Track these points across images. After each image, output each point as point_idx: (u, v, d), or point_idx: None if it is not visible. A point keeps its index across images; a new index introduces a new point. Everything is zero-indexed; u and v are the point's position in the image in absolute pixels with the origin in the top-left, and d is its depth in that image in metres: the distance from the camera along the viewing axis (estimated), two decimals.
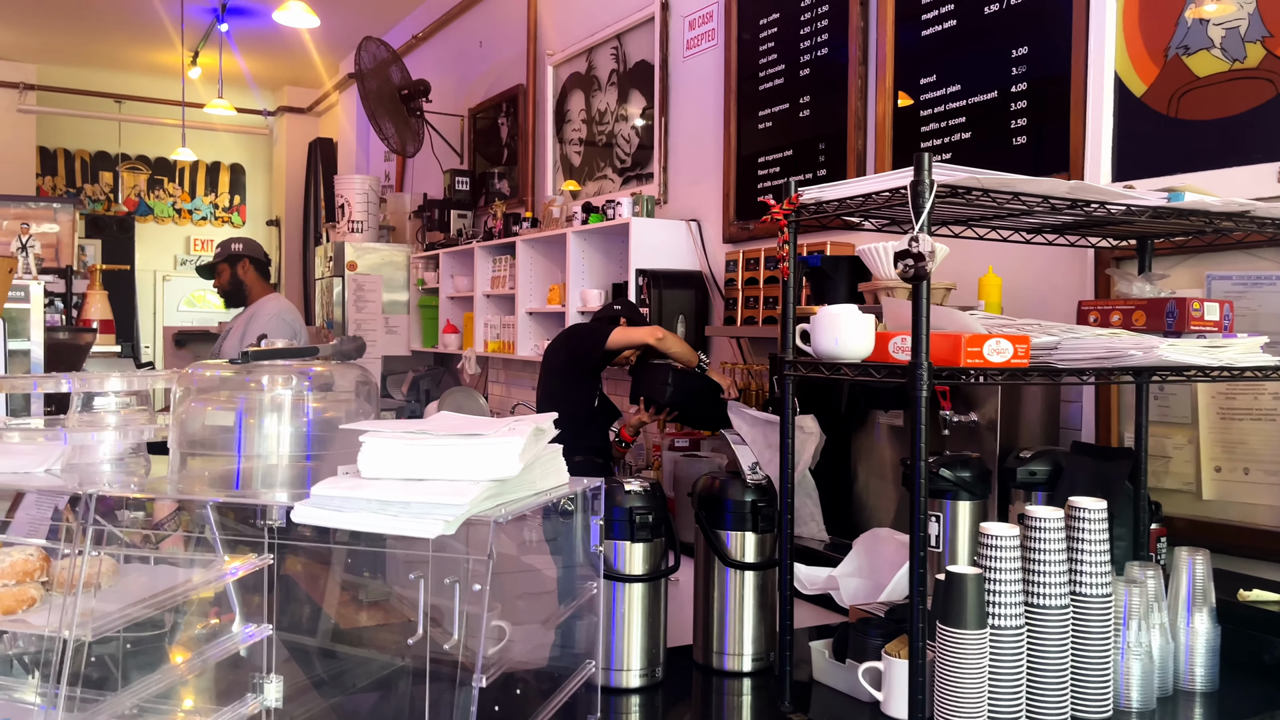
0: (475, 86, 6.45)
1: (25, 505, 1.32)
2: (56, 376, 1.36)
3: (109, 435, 1.35)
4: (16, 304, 2.53)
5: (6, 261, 1.56)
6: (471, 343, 5.65)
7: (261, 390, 1.25)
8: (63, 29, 8.15)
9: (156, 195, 11.22)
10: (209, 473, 1.29)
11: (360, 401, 1.31)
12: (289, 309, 4.02)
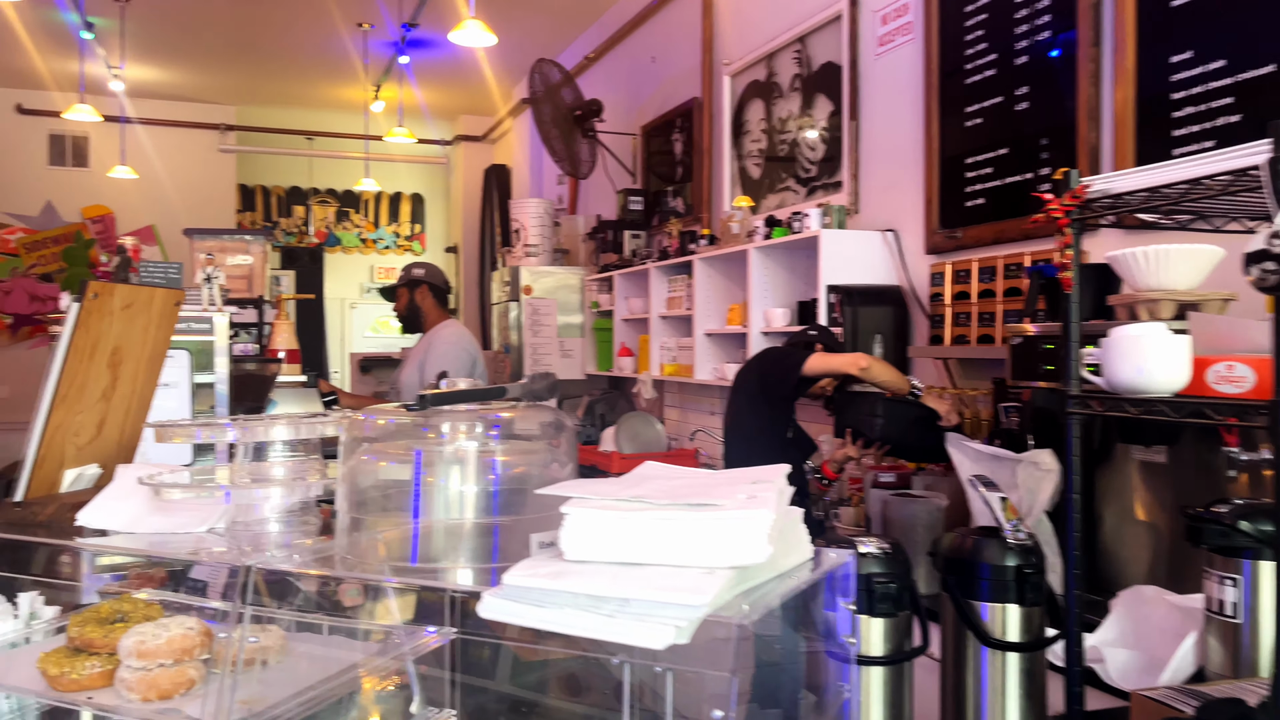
0: (648, 103, 6.30)
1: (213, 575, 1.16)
2: (220, 425, 1.21)
3: (275, 491, 1.19)
4: (201, 336, 2.48)
5: (173, 294, 1.45)
6: (647, 366, 5.47)
7: (441, 441, 1.05)
8: (259, 71, 8.58)
9: (344, 226, 11.69)
10: (383, 536, 1.09)
11: (554, 451, 1.09)
12: (465, 336, 3.94)
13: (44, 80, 8.59)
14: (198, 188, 9.54)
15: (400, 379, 3.92)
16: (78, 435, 1.36)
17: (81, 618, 1.21)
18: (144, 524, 1.25)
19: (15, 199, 8.98)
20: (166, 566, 1.24)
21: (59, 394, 1.28)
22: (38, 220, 9.07)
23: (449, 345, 3.78)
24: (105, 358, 1.35)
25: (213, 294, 2.36)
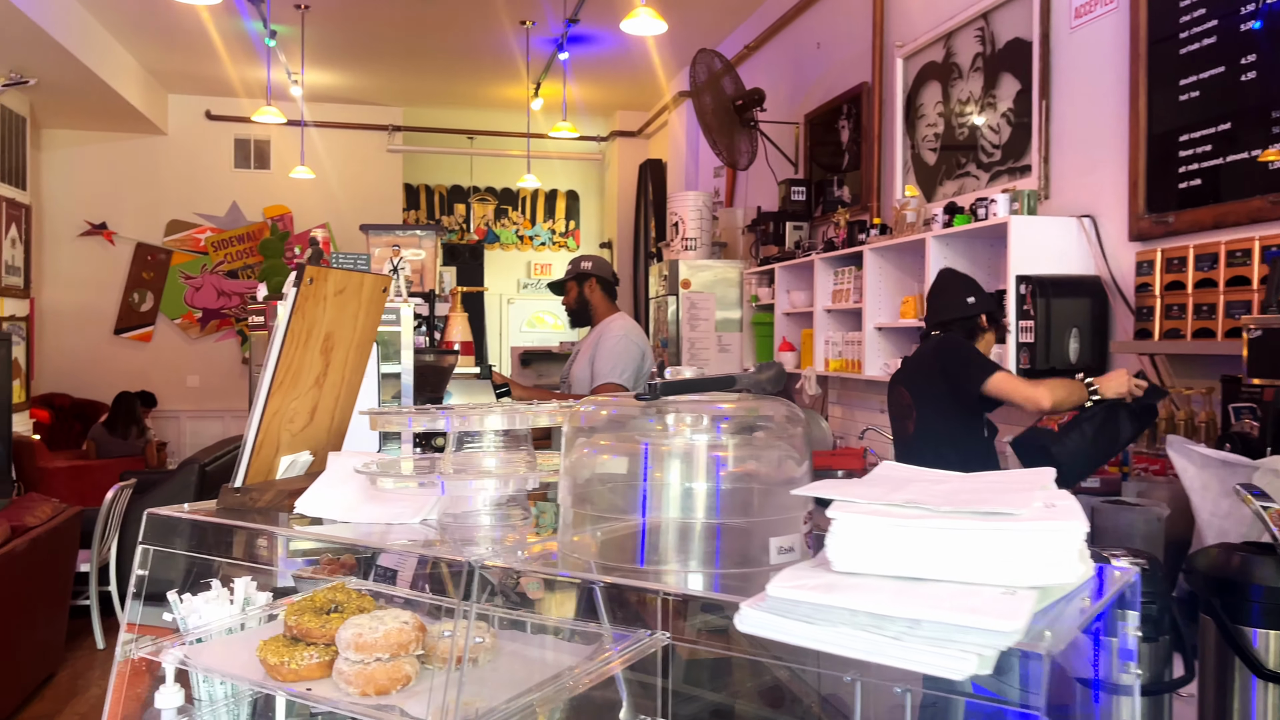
0: (812, 90, 6.13)
1: (400, 563, 1.13)
2: (433, 412, 1.18)
3: (489, 483, 1.14)
4: (388, 326, 2.51)
5: (381, 280, 1.43)
6: (810, 361, 5.31)
7: (669, 434, 0.97)
8: (425, 72, 8.84)
9: (502, 224, 11.94)
10: (602, 535, 1.03)
11: (788, 446, 1.00)
12: (635, 329, 3.90)
13: (230, 87, 9.11)
14: (367, 187, 9.92)
15: (572, 372, 3.91)
16: (292, 421, 1.36)
17: (297, 606, 1.19)
18: (359, 512, 1.23)
19: (204, 200, 9.56)
20: (381, 557, 1.21)
21: (276, 380, 1.28)
22: (224, 220, 9.64)
23: (619, 339, 3.74)
24: (318, 344, 1.34)
25: (399, 285, 2.38)
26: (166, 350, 9.50)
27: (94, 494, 7.10)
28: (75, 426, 8.70)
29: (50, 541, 4.24)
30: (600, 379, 3.70)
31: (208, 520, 1.30)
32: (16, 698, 4.10)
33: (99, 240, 9.33)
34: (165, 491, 5.61)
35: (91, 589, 5.01)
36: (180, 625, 1.30)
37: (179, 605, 1.31)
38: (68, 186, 9.22)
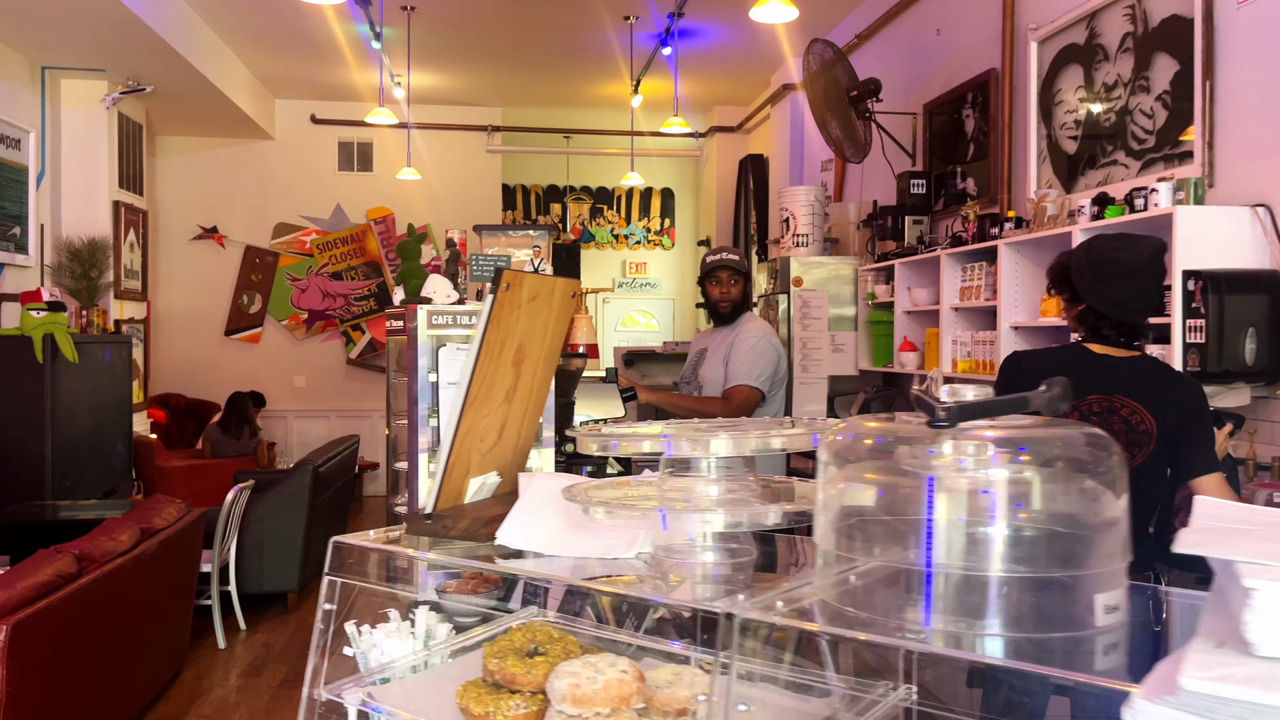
0: (931, 79, 5.87)
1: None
2: (647, 434, 1.05)
3: (717, 516, 1.00)
4: None
5: (570, 285, 1.31)
6: (936, 361, 5.06)
7: (954, 464, 0.82)
8: (525, 72, 8.81)
9: (597, 223, 11.88)
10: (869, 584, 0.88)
11: (1103, 483, 0.83)
12: (771, 331, 3.73)
13: (334, 91, 9.23)
14: (467, 187, 9.96)
15: (701, 373, 3.76)
16: (482, 440, 1.25)
17: (498, 648, 1.08)
18: (565, 545, 1.11)
19: (310, 203, 9.72)
20: (624, 602, 1.09)
21: (470, 396, 1.17)
22: (328, 222, 9.78)
23: (756, 340, 3.58)
24: (510, 355, 1.23)
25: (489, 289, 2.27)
26: (274, 351, 9.69)
27: (209, 492, 7.24)
28: (189, 426, 8.93)
29: (177, 543, 4.28)
30: (735, 380, 3.55)
31: (414, 555, 1.20)
32: (145, 697, 4.15)
33: (210, 244, 9.55)
34: (281, 492, 5.66)
35: (213, 589, 5.07)
36: (360, 661, 1.20)
37: (357, 638, 1.21)
38: (181, 191, 9.46)
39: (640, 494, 1.11)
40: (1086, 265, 2.42)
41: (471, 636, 1.23)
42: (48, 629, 3.08)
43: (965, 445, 0.84)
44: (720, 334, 3.78)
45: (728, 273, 3.86)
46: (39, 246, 6.93)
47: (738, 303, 3.84)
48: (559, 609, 1.38)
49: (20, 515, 4.96)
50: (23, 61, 6.77)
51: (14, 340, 5.52)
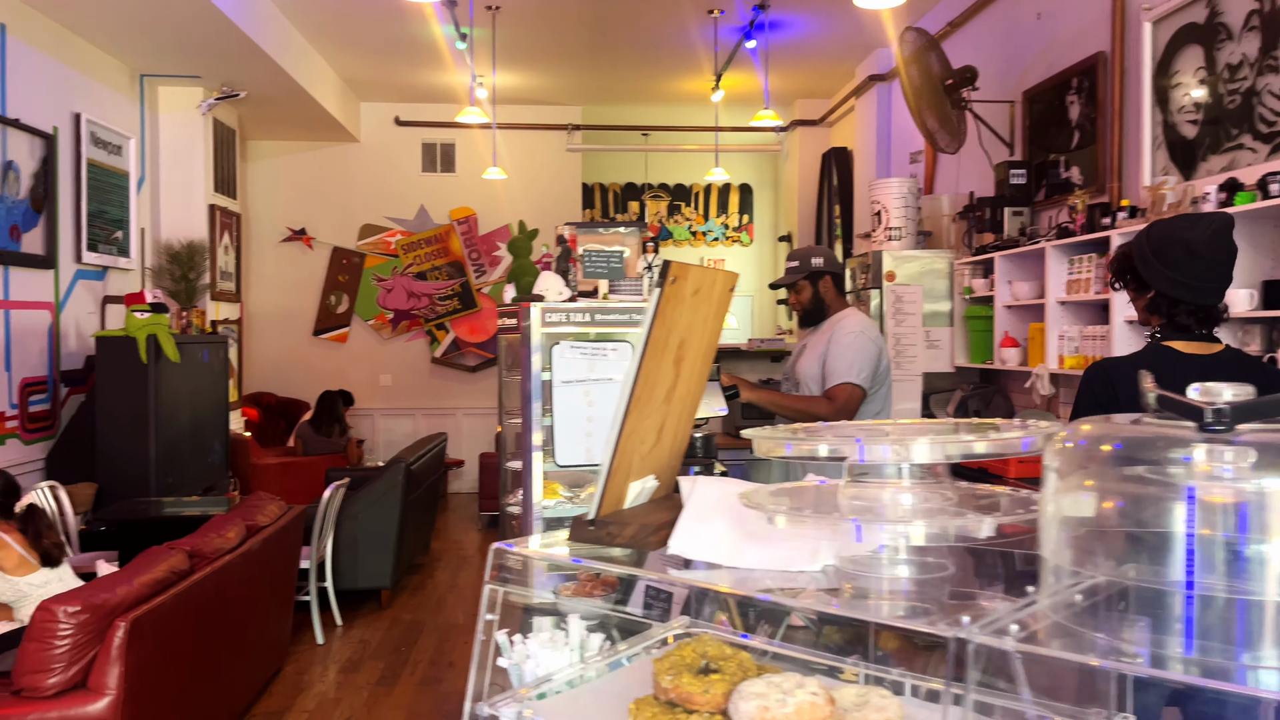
0: (1031, 65, 5.67)
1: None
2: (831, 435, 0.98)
3: (917, 527, 0.92)
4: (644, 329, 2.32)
5: (729, 278, 1.25)
6: (1041, 358, 4.88)
7: (1216, 472, 0.73)
8: (605, 69, 8.78)
9: (675, 220, 11.82)
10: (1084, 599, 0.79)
11: None
12: (871, 326, 3.62)
13: (417, 93, 9.33)
14: (548, 187, 9.98)
15: (798, 370, 3.67)
16: (643, 443, 1.19)
17: (669, 663, 1.01)
18: (741, 555, 1.04)
19: (394, 204, 9.84)
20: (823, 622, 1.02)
21: (635, 396, 1.11)
22: (413, 223, 9.89)
23: (854, 336, 3.48)
24: (673, 353, 1.17)
25: (652, 284, 2.21)
26: (361, 350, 9.84)
27: (301, 489, 7.37)
28: (280, 424, 9.11)
29: (279, 540, 4.34)
30: (835, 379, 3.45)
31: (599, 565, 1.14)
32: (250, 692, 4.21)
33: (299, 245, 9.74)
34: (375, 490, 5.73)
35: (311, 585, 5.14)
36: (513, 674, 1.15)
37: (509, 649, 1.16)
38: (271, 194, 9.66)
39: (819, 500, 1.04)
40: (1149, 248, 2.26)
41: (627, 648, 1.17)
42: (162, 625, 3.14)
43: (1222, 451, 0.75)
44: (819, 331, 3.68)
45: (784, 288, 3.79)
46: (140, 249, 7.13)
47: (809, 308, 3.74)
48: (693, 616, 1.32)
49: (128, 511, 5.09)
50: (123, 70, 6.97)
51: (120, 341, 5.68)
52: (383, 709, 4.26)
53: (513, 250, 4.99)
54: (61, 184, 6.09)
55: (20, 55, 5.64)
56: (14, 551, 3.62)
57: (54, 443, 5.94)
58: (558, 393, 2.58)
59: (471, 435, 9.86)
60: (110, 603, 2.93)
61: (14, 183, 5.56)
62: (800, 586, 1.01)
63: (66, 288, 6.20)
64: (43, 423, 5.88)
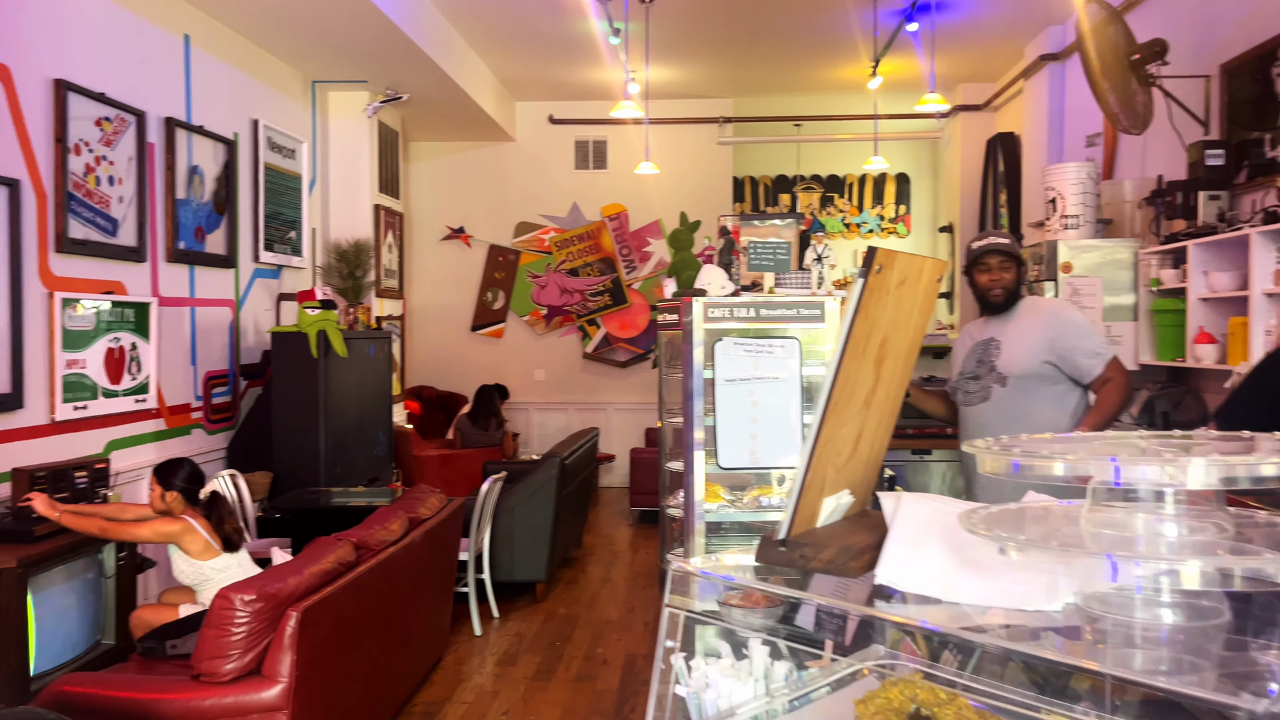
0: (1229, 37, 5.18)
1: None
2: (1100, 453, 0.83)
3: (1190, 568, 0.77)
4: (809, 323, 2.20)
5: (939, 266, 1.12)
6: (1243, 355, 4.45)
7: None
8: (756, 60, 8.61)
9: (828, 212, 11.51)
10: None
11: None
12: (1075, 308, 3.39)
13: (570, 91, 9.41)
14: (699, 181, 9.90)
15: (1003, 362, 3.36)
16: (838, 454, 1.08)
17: (874, 707, 0.90)
18: (963, 589, 0.92)
19: (548, 202, 9.98)
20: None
21: (832, 400, 1.00)
22: (565, 220, 10.00)
23: (1075, 310, 3.32)
24: (874, 352, 1.06)
25: (822, 274, 2.08)
26: (515, 345, 10.03)
27: (460, 481, 7.56)
28: (440, 416, 9.39)
29: (440, 532, 4.42)
30: (1101, 356, 3.30)
31: (783, 593, 1.04)
32: (412, 682, 4.30)
33: (457, 244, 10.00)
34: (530, 484, 5.78)
35: (469, 577, 5.23)
36: (690, 702, 1.06)
37: (686, 674, 1.07)
38: (431, 194, 9.96)
39: (1053, 526, 0.90)
40: None
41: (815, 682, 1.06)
42: (330, 615, 3.22)
43: None
44: (1005, 322, 3.43)
45: (998, 258, 3.52)
46: (311, 249, 7.46)
47: (1011, 290, 3.49)
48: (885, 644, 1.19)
49: (300, 501, 5.31)
50: (297, 76, 7.29)
51: (292, 336, 5.94)
52: (538, 704, 4.28)
53: (673, 243, 4.89)
54: (241, 187, 6.41)
55: (203, 65, 5.97)
56: (199, 536, 3.80)
57: (234, 433, 6.27)
58: (720, 391, 2.48)
59: (622, 430, 9.89)
60: (283, 592, 3.02)
61: (199, 186, 5.89)
62: (1033, 626, 0.87)
63: (245, 286, 6.54)
64: (224, 414, 6.22)
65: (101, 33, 5.01)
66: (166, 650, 3.58)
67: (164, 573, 4.76)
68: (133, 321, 5.19)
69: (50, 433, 4.57)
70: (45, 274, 4.55)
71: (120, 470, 4.95)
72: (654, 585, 6.24)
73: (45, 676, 3.66)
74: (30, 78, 4.44)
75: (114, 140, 5.05)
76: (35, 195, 4.48)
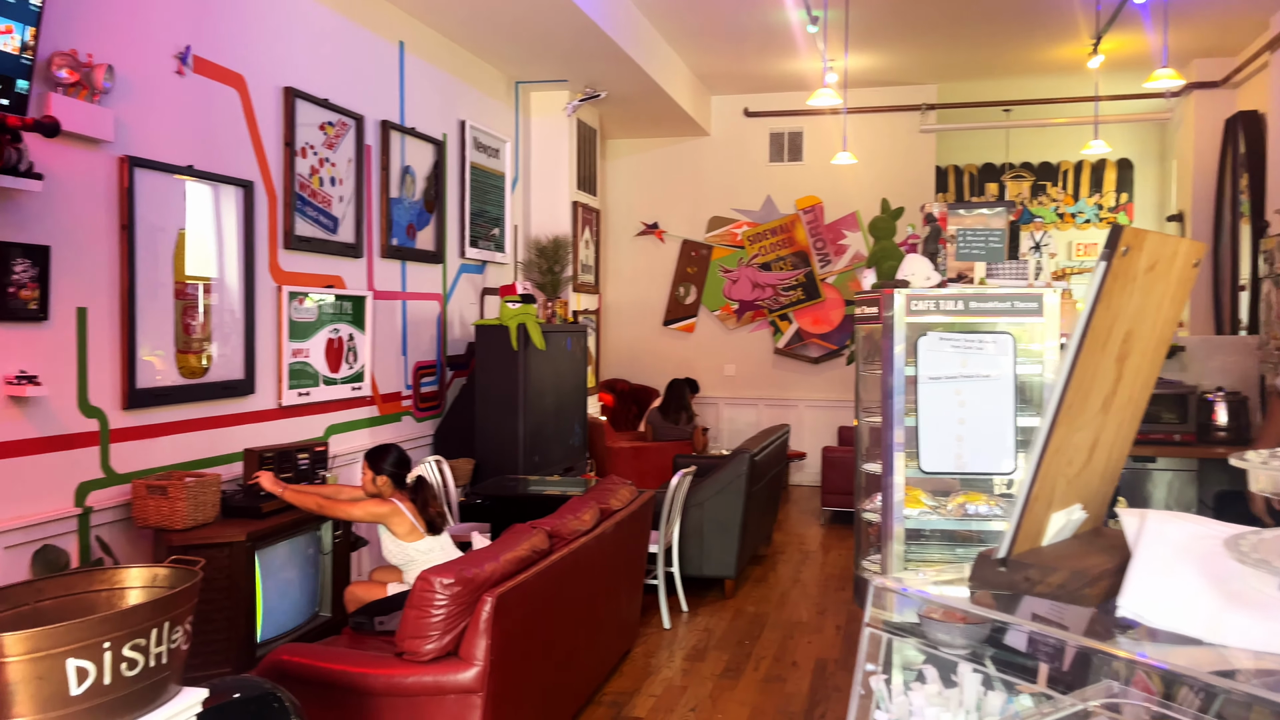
0: None
1: None
2: None
3: None
4: (1025, 317, 2.03)
5: (1194, 249, 0.98)
6: None
7: None
8: (962, 43, 8.20)
9: (1040, 201, 10.83)
10: None
11: None
12: None
13: (765, 83, 9.28)
14: (898, 171, 9.56)
15: None
16: (1070, 463, 0.97)
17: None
18: (1227, 628, 0.79)
19: (741, 196, 9.90)
20: None
21: (1065, 402, 0.89)
22: (759, 214, 9.89)
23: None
24: (1116, 347, 0.94)
25: (1040, 264, 1.90)
26: (706, 340, 10.02)
27: (650, 473, 7.62)
28: (632, 409, 9.51)
29: (630, 525, 4.45)
30: None
31: (995, 617, 0.95)
32: (602, 672, 4.35)
33: (651, 239, 10.09)
34: (720, 479, 5.74)
35: (658, 570, 5.25)
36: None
37: (887, 697, 0.98)
38: (626, 190, 10.10)
39: None
40: None
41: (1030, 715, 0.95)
42: (524, 601, 3.29)
43: None
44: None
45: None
46: (513, 245, 7.72)
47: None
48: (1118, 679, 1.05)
49: (499, 488, 5.50)
50: (501, 78, 7.56)
51: (495, 329, 6.16)
52: (726, 702, 4.23)
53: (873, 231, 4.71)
54: (449, 186, 6.71)
55: (416, 69, 6.28)
56: (406, 519, 3.99)
57: (440, 421, 6.57)
58: (924, 390, 2.33)
59: (814, 428, 9.70)
60: (479, 577, 3.11)
61: (410, 186, 6.21)
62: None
63: (452, 280, 6.84)
64: (431, 402, 6.53)
65: (325, 42, 5.35)
66: (375, 626, 3.78)
67: (375, 551, 5.04)
68: (350, 314, 5.52)
69: (276, 417, 4.93)
70: (275, 269, 4.90)
71: (337, 454, 5.29)
72: (846, 588, 6.06)
73: (269, 644, 3.95)
74: (263, 86, 4.79)
75: (335, 143, 5.39)
76: (267, 196, 4.83)
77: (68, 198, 3.65)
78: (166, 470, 4.11)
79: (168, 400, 4.16)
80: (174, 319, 4.20)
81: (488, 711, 3.00)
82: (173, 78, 4.20)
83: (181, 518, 3.79)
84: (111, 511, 3.87)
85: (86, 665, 1.67)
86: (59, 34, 3.56)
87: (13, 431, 3.46)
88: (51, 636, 1.65)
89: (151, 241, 4.05)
